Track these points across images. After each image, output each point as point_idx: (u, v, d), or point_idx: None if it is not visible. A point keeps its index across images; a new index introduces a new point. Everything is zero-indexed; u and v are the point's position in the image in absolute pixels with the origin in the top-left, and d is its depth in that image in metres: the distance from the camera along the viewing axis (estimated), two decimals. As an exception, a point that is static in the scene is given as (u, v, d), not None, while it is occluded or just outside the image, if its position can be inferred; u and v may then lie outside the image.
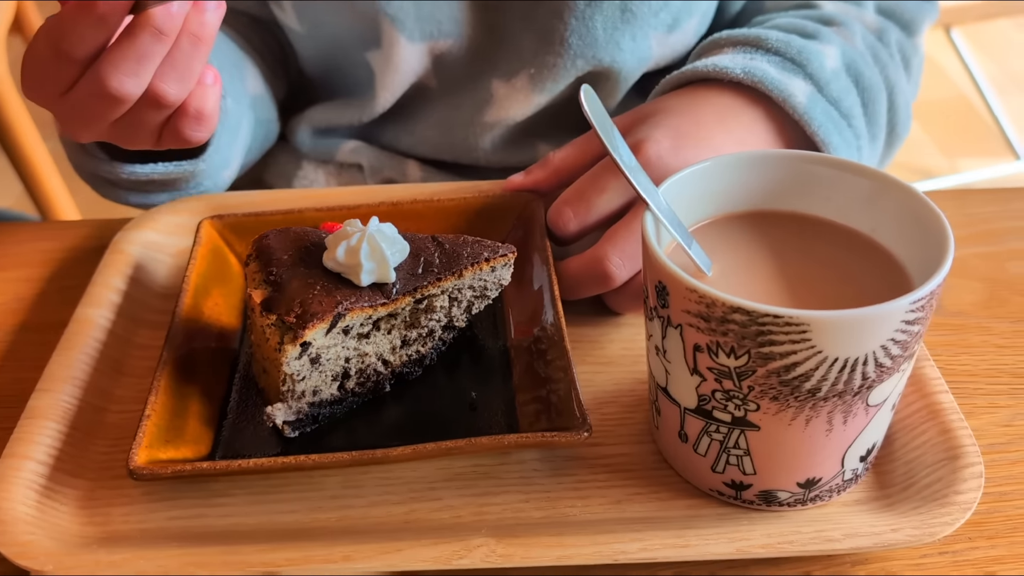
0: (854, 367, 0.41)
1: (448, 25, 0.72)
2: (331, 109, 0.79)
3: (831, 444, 0.44)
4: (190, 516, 0.48)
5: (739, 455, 0.45)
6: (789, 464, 0.45)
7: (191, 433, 0.50)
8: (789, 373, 0.41)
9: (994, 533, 0.46)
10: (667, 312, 0.43)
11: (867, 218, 0.48)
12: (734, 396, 0.43)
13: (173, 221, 0.65)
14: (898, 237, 0.47)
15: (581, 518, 0.47)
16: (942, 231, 0.43)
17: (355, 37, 0.73)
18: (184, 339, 0.53)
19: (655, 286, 0.44)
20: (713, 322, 0.41)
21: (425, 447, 0.46)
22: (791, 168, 0.49)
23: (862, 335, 0.40)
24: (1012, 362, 0.55)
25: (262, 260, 0.51)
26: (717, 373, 0.42)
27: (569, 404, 0.48)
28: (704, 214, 0.50)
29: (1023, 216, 0.67)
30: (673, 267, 0.42)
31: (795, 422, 0.43)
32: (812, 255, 0.48)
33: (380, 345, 0.52)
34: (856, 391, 0.42)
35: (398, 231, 0.51)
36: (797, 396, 0.41)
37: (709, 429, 0.45)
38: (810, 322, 0.39)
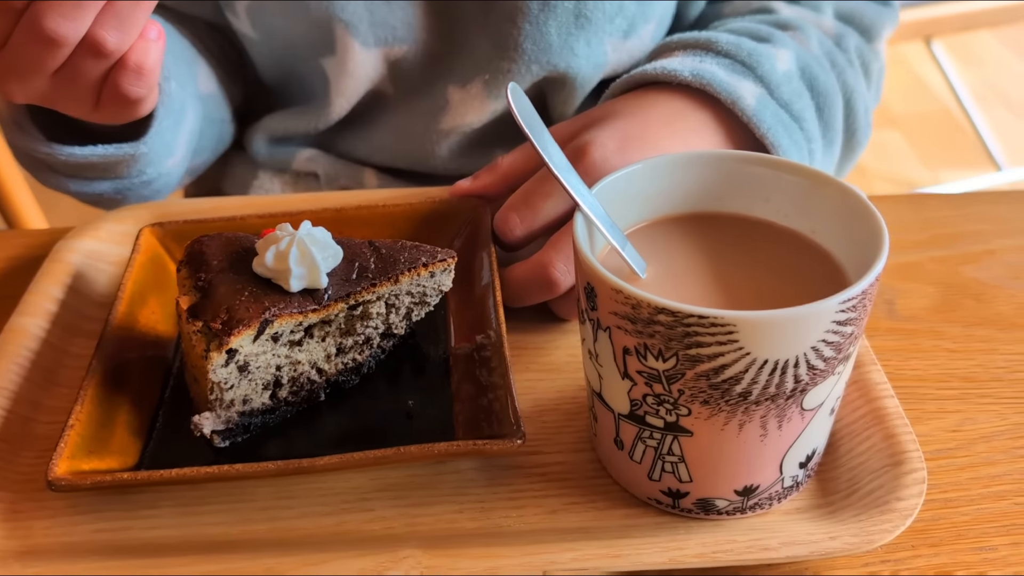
0: (785, 369, 0.39)
1: (402, 31, 0.71)
2: (287, 117, 0.78)
3: (767, 450, 0.43)
4: (115, 529, 0.46)
5: (674, 462, 0.44)
6: (725, 471, 0.44)
7: (118, 444, 0.48)
8: (718, 376, 0.39)
9: (938, 541, 0.45)
10: (596, 315, 0.42)
11: (806, 218, 0.47)
12: (665, 400, 0.41)
13: (116, 230, 0.64)
14: (837, 237, 0.46)
15: (515, 528, 0.46)
16: (878, 229, 0.42)
17: (309, 43, 0.72)
18: (116, 348, 0.52)
19: (584, 288, 0.42)
20: (640, 324, 0.40)
21: (353, 456, 0.45)
22: (728, 169, 0.48)
23: (791, 336, 0.39)
24: (963, 367, 0.54)
25: (192, 266, 0.50)
26: (647, 377, 0.41)
27: (506, 412, 0.47)
28: (641, 216, 0.49)
29: (979, 220, 0.66)
30: (599, 268, 0.41)
31: (728, 427, 0.41)
32: (751, 257, 0.47)
33: (314, 353, 0.51)
34: (789, 394, 0.41)
35: (332, 236, 0.50)
36: (728, 400, 0.40)
37: (643, 435, 0.44)
38: (736, 323, 0.38)
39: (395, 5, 0.69)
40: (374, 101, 0.76)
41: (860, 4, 0.75)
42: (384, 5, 0.69)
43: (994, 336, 0.56)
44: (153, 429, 0.50)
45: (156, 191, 0.69)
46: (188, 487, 0.48)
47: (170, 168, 0.68)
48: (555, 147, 0.45)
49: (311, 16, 0.70)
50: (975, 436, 0.50)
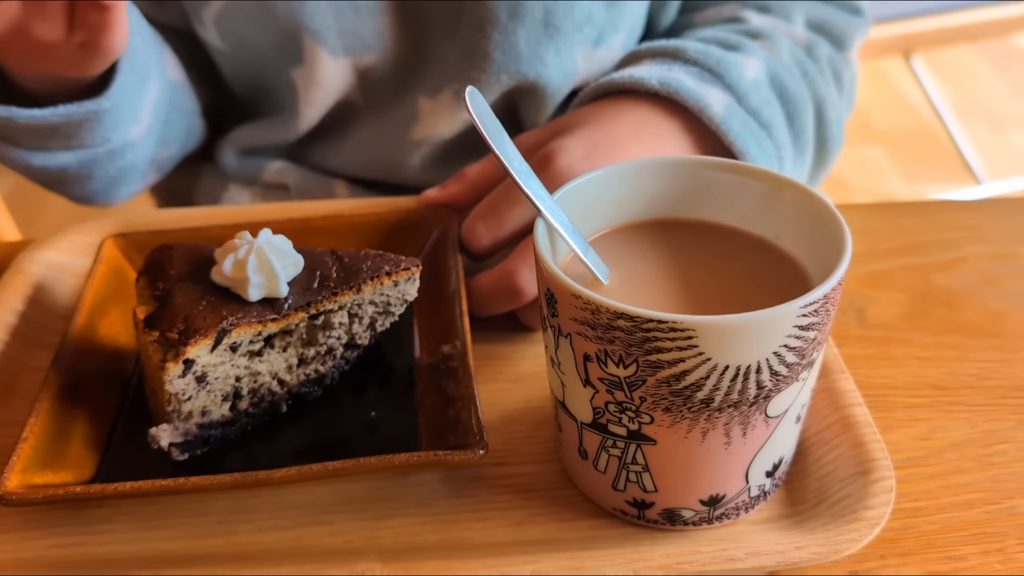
0: (747, 375, 0.39)
1: (371, 40, 0.70)
2: (256, 129, 0.78)
3: (732, 458, 0.42)
4: (69, 544, 0.45)
5: (638, 471, 0.43)
6: (690, 480, 0.43)
7: (73, 457, 0.47)
8: (679, 382, 0.39)
9: (906, 551, 0.45)
10: (557, 321, 0.41)
11: (770, 224, 0.47)
12: (627, 408, 0.41)
13: (79, 241, 0.63)
14: (801, 242, 0.45)
15: (478, 541, 0.45)
16: (840, 233, 0.42)
17: (277, 54, 0.72)
18: (75, 360, 0.51)
19: (545, 294, 0.42)
20: (599, 329, 0.39)
21: (311, 468, 0.44)
22: (691, 175, 0.48)
23: (752, 341, 0.38)
24: (933, 374, 0.54)
25: (150, 275, 0.50)
26: (608, 384, 0.40)
27: (469, 422, 0.46)
28: (604, 223, 0.48)
29: (948, 228, 0.65)
30: (559, 273, 0.40)
31: (691, 435, 0.41)
32: (715, 263, 0.46)
33: (274, 364, 0.50)
34: (752, 401, 0.40)
35: (293, 245, 0.50)
36: (690, 407, 0.40)
37: (606, 444, 0.43)
38: (696, 327, 0.37)
39: (364, 15, 0.69)
40: (344, 112, 0.75)
41: (831, 13, 0.75)
42: (352, 15, 0.69)
43: (964, 343, 0.56)
44: (111, 442, 0.49)
45: (123, 170, 0.67)
46: (144, 501, 0.47)
47: (135, 139, 0.66)
48: (515, 152, 0.44)
49: (279, 26, 0.69)
50: (945, 444, 0.50)
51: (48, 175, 0.66)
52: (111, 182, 0.68)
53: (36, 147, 0.63)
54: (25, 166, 0.65)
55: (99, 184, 0.68)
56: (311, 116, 0.74)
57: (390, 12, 0.69)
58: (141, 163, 0.70)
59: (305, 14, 0.68)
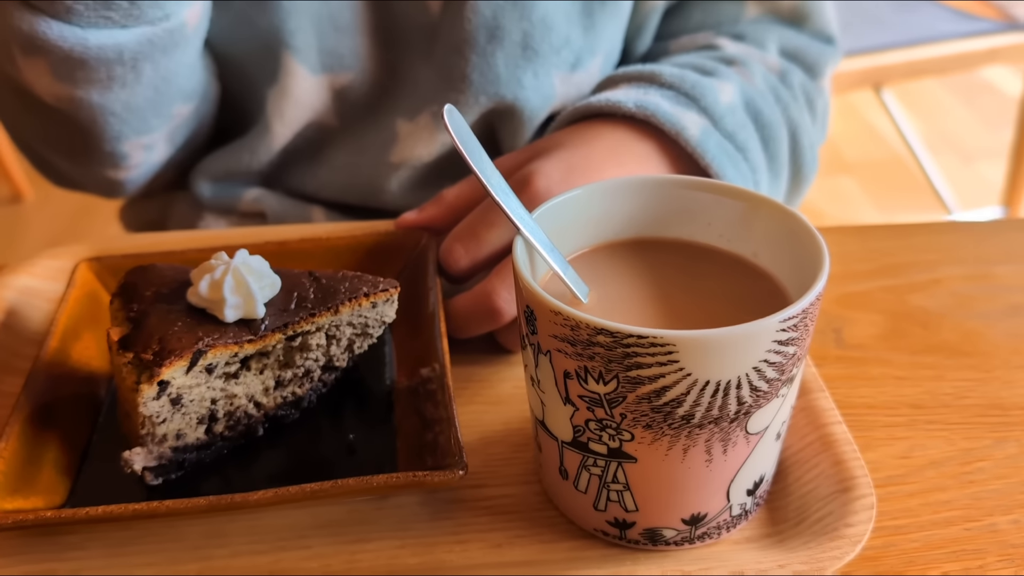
0: (727, 391, 0.39)
1: (349, 59, 0.71)
2: (228, 153, 0.77)
3: (713, 476, 0.42)
4: (38, 571, 0.44)
5: (619, 490, 0.43)
6: (671, 499, 0.43)
7: (45, 482, 0.46)
8: (660, 398, 0.39)
9: (888, 568, 0.44)
10: (536, 339, 0.41)
11: (748, 242, 0.47)
12: (607, 425, 0.41)
13: (52, 265, 0.62)
14: (778, 259, 0.46)
15: (458, 563, 0.44)
16: (818, 250, 0.42)
17: (253, 70, 0.71)
18: (46, 385, 0.50)
19: (524, 312, 0.42)
20: (579, 346, 0.39)
21: (288, 490, 0.43)
22: (669, 194, 0.48)
23: (732, 356, 0.38)
24: (911, 393, 0.54)
25: (124, 297, 0.49)
26: (588, 401, 0.40)
27: (448, 443, 0.46)
28: (582, 243, 0.48)
29: (924, 249, 0.66)
30: (538, 290, 0.40)
31: (672, 452, 0.41)
32: (693, 281, 0.47)
33: (251, 386, 0.49)
34: (733, 417, 0.40)
35: (270, 266, 0.49)
36: (671, 424, 0.40)
37: (587, 463, 0.43)
38: (676, 342, 0.37)
39: (343, 33, 0.69)
40: (319, 134, 0.75)
41: (804, 42, 0.76)
42: (333, 32, 0.69)
43: (941, 363, 0.56)
44: (82, 468, 0.49)
45: (166, 81, 0.63)
46: (116, 526, 0.46)
47: (188, 28, 0.62)
48: (494, 170, 0.44)
49: (258, 41, 0.69)
50: (924, 462, 0.50)
51: (96, 68, 0.60)
52: (149, 106, 0.64)
53: (96, 20, 0.58)
54: (80, 50, 0.59)
55: (138, 105, 0.63)
56: (284, 135, 0.73)
57: (368, 32, 0.70)
58: (183, 84, 0.66)
59: (286, 31, 0.68)
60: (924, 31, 2.00)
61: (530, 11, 0.67)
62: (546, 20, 0.68)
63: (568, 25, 0.69)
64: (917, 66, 1.98)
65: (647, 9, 0.75)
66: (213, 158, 0.78)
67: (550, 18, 0.68)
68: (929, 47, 1.96)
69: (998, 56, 2.01)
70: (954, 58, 1.99)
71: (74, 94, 0.60)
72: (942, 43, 1.97)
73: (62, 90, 0.60)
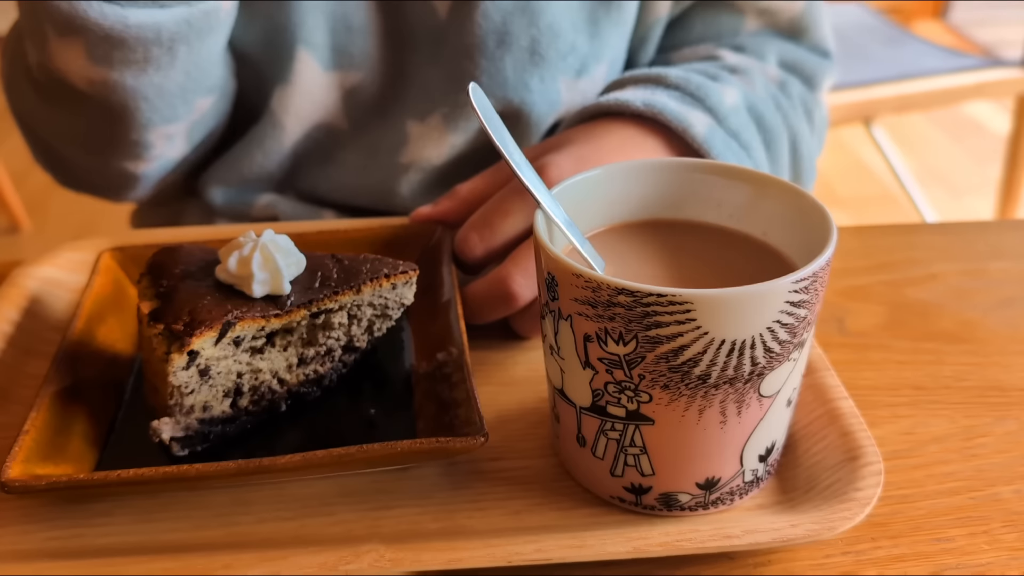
0: (742, 351, 0.40)
1: (359, 58, 0.73)
2: (239, 155, 0.78)
3: (727, 439, 0.44)
4: (68, 536, 0.45)
5: (636, 454, 0.44)
6: (687, 462, 0.44)
7: (73, 452, 0.48)
8: (678, 358, 0.40)
9: (896, 533, 0.46)
10: (557, 305, 0.43)
11: (757, 221, 0.49)
12: (626, 387, 0.42)
13: (74, 258, 0.63)
14: (787, 237, 0.47)
15: (478, 527, 0.45)
16: (825, 223, 0.44)
17: (266, 67, 0.72)
18: (73, 363, 0.52)
19: (545, 280, 0.43)
20: (600, 307, 0.40)
21: (315, 454, 0.44)
22: (680, 177, 0.50)
23: (747, 314, 0.40)
24: (912, 376, 0.56)
25: (153, 275, 0.50)
26: (608, 363, 0.42)
27: (469, 415, 0.47)
28: (599, 222, 0.50)
29: (920, 247, 0.68)
30: (560, 255, 0.42)
31: (688, 413, 0.42)
32: (705, 259, 0.48)
33: (275, 362, 0.51)
34: (747, 378, 0.41)
35: (295, 245, 0.51)
36: (688, 384, 0.41)
37: (605, 427, 0.44)
38: (694, 300, 0.39)
39: (355, 33, 0.71)
40: (329, 136, 0.77)
41: (802, 55, 0.78)
42: (345, 32, 0.71)
43: (940, 349, 0.58)
44: (110, 440, 0.50)
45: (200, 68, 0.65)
46: (143, 495, 0.47)
47: (223, 10, 0.63)
48: (516, 147, 0.46)
49: (272, 37, 0.70)
50: (927, 438, 0.51)
51: (134, 50, 0.61)
52: (179, 92, 0.65)
53: (105, 41, 0.59)
54: (120, 29, 0.59)
55: (169, 90, 0.65)
56: (294, 131, 0.74)
57: (379, 34, 0.72)
58: (210, 72, 0.67)
59: (303, 27, 0.70)
60: (912, 66, 2.05)
61: (538, 17, 0.70)
62: (553, 27, 0.70)
63: (574, 32, 0.71)
64: (906, 100, 2.02)
65: (651, 21, 0.77)
66: (224, 163, 0.80)
67: (557, 24, 0.70)
68: (917, 81, 2.01)
69: (984, 91, 2.05)
70: (942, 92, 2.03)
71: (109, 76, 0.61)
72: (930, 78, 2.02)
73: (97, 73, 0.61)
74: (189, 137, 0.71)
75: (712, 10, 0.78)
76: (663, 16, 0.77)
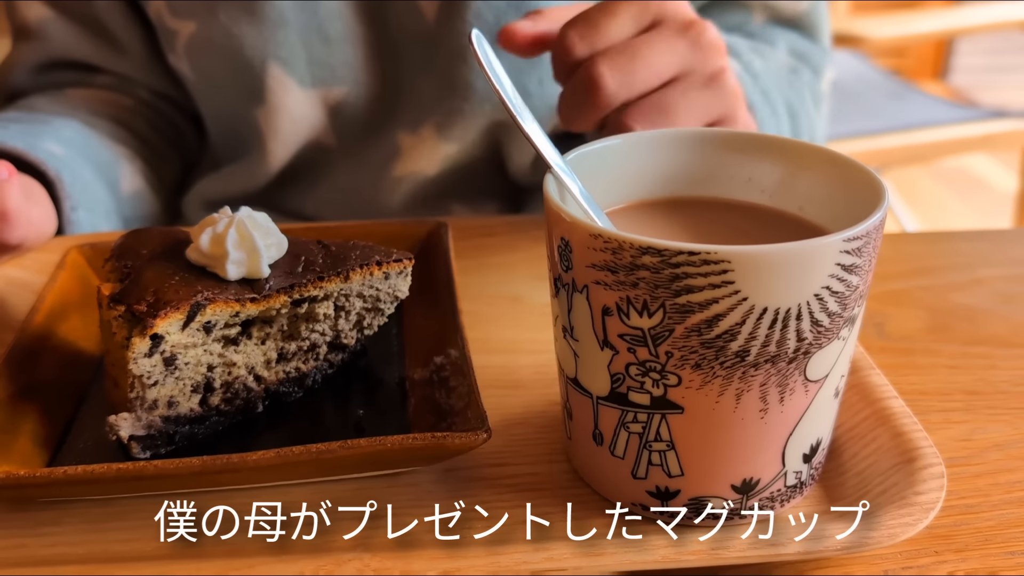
0: (786, 322, 0.35)
1: (342, 71, 0.69)
2: (224, 176, 0.75)
3: (768, 431, 0.38)
4: (7, 547, 0.39)
5: (662, 450, 0.38)
6: (721, 459, 0.38)
7: (20, 452, 0.42)
8: (712, 329, 0.35)
9: (963, 546, 0.40)
10: (571, 276, 0.37)
11: (792, 196, 0.44)
12: (651, 368, 0.36)
13: (40, 259, 0.58)
14: (828, 209, 0.42)
15: (480, 537, 0.39)
16: (874, 188, 0.39)
17: (241, 89, 0.69)
18: (29, 359, 0.46)
19: (557, 247, 0.38)
20: (622, 272, 0.35)
21: (292, 450, 0.38)
22: (707, 152, 0.45)
23: (793, 278, 0.34)
24: (964, 381, 0.50)
25: (119, 257, 0.45)
26: (630, 340, 0.36)
27: (467, 413, 0.42)
28: (614, 199, 0.45)
29: (960, 255, 0.63)
30: (573, 215, 0.36)
31: (723, 398, 0.36)
32: (734, 235, 0.43)
33: (252, 356, 0.45)
34: (792, 356, 0.36)
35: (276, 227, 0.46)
36: (723, 362, 0.35)
37: (626, 420, 0.38)
38: (731, 259, 0.33)
39: (334, 45, 0.68)
40: (316, 156, 0.73)
41: (807, 46, 0.77)
42: (322, 44, 0.67)
43: (992, 353, 0.52)
44: (64, 441, 0.44)
45: None
46: (95, 501, 0.41)
47: None
48: (523, 104, 0.41)
49: (245, 56, 0.67)
50: (988, 445, 0.46)
51: None
52: None
53: None
54: None
55: None
56: (280, 155, 0.71)
57: (361, 44, 0.68)
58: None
59: (274, 42, 0.66)
60: (918, 118, 2.02)
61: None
62: None
63: None
64: (913, 151, 1.99)
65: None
66: (209, 181, 0.76)
67: None
68: (924, 131, 1.98)
69: (991, 143, 2.03)
70: (949, 143, 2.00)
71: None
72: (937, 128, 1.99)
73: None
74: None
75: (719, 8, 0.75)
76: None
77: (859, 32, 2.13)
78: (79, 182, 0.64)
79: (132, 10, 0.73)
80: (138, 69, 0.75)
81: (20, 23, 0.74)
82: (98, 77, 0.76)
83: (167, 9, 0.69)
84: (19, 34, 0.75)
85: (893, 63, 3.25)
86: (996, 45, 3.52)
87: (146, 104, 0.77)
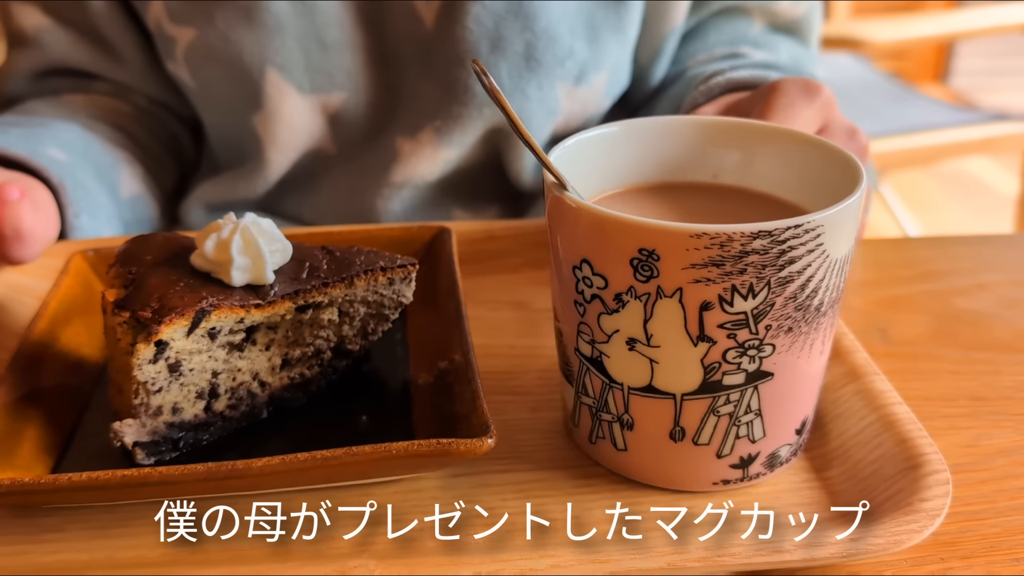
0: (843, 265, 0.39)
1: (340, 78, 0.69)
2: (224, 182, 0.75)
3: (822, 367, 0.42)
4: (12, 553, 0.39)
5: (750, 420, 0.40)
6: (794, 408, 0.41)
7: (24, 458, 0.42)
8: (804, 291, 0.37)
9: (968, 553, 0.40)
10: (655, 284, 0.37)
11: (786, 182, 0.45)
12: (750, 347, 0.38)
13: (43, 264, 0.58)
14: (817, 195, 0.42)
15: (485, 542, 0.39)
16: (851, 169, 0.41)
17: (239, 95, 0.69)
18: (32, 363, 0.46)
19: (632, 261, 0.37)
20: (729, 262, 0.36)
21: (297, 457, 0.38)
22: (699, 137, 0.46)
23: (851, 226, 0.38)
24: (968, 386, 0.50)
25: (123, 263, 0.45)
26: (731, 326, 0.37)
27: (471, 419, 0.41)
28: (609, 184, 0.46)
29: (963, 259, 0.63)
30: (662, 223, 0.36)
31: (803, 350, 0.39)
32: (729, 218, 0.44)
33: (256, 362, 0.45)
34: (838, 296, 0.40)
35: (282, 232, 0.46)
36: (807, 317, 0.38)
37: (717, 405, 0.39)
38: (824, 222, 0.36)
39: (332, 51, 0.67)
40: (315, 162, 0.73)
41: (801, 52, 0.78)
42: (320, 50, 0.67)
43: (997, 358, 0.52)
44: (68, 448, 0.44)
45: None
46: (99, 507, 0.41)
47: None
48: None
49: (243, 62, 0.67)
50: (993, 451, 0.45)
51: None
52: None
53: None
54: None
55: None
56: (280, 162, 0.71)
57: (359, 50, 0.68)
58: None
59: (272, 48, 0.66)
60: (919, 121, 2.02)
61: (532, 22, 0.66)
62: (549, 31, 0.66)
63: (572, 37, 0.68)
64: (914, 154, 1.98)
65: (665, 32, 0.73)
66: (208, 186, 0.76)
67: (553, 29, 0.67)
68: (925, 134, 1.98)
69: (992, 146, 2.02)
70: (950, 147, 2.00)
71: None
72: (938, 131, 1.99)
73: None
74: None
75: (724, 17, 0.75)
76: (678, 25, 0.73)
77: (860, 35, 2.12)
78: (81, 188, 0.64)
79: (129, 18, 0.73)
80: (135, 77, 0.75)
81: (16, 30, 0.74)
82: (96, 84, 0.76)
83: (166, 16, 0.69)
84: (15, 41, 0.75)
85: (894, 66, 3.25)
86: (997, 48, 3.52)
87: (144, 111, 0.77)
